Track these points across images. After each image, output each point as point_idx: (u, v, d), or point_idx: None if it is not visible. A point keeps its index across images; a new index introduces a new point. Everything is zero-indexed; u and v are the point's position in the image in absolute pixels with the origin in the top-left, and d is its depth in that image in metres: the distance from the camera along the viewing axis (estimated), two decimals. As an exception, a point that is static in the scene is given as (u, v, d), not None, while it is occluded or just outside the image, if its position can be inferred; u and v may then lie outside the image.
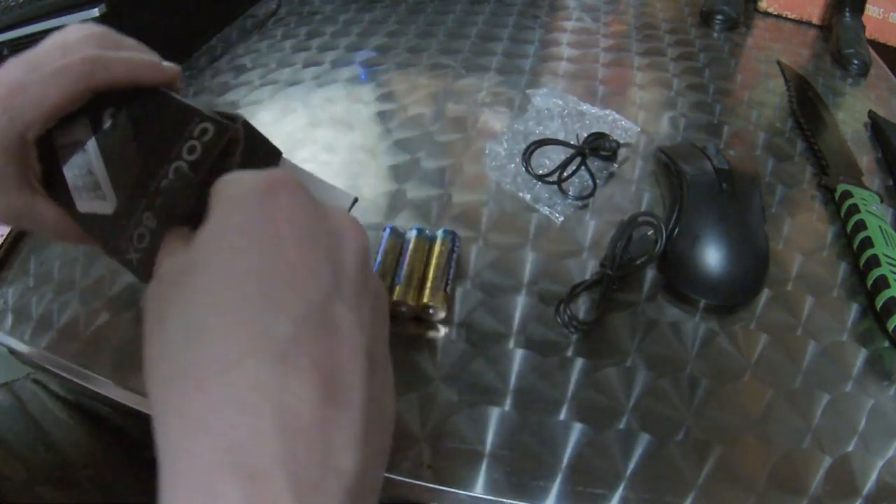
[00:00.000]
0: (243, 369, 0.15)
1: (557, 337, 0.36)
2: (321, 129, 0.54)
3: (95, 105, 0.23)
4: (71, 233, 0.25)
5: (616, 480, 0.30)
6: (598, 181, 0.45)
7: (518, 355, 0.35)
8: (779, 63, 0.62)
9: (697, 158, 0.41)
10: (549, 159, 0.47)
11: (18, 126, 0.21)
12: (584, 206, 0.45)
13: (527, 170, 0.46)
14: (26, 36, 0.53)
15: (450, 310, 0.37)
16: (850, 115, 0.55)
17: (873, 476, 0.29)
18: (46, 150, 0.24)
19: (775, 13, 0.73)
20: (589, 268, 0.40)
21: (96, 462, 0.42)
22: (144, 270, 0.21)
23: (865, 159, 0.49)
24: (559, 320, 0.36)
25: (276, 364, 0.15)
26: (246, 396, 0.14)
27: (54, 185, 0.24)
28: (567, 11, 0.72)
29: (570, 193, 0.45)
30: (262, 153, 0.23)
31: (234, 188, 0.18)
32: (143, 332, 0.17)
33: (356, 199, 0.25)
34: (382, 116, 0.55)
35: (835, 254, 0.41)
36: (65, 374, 0.37)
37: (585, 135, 0.47)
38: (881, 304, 0.36)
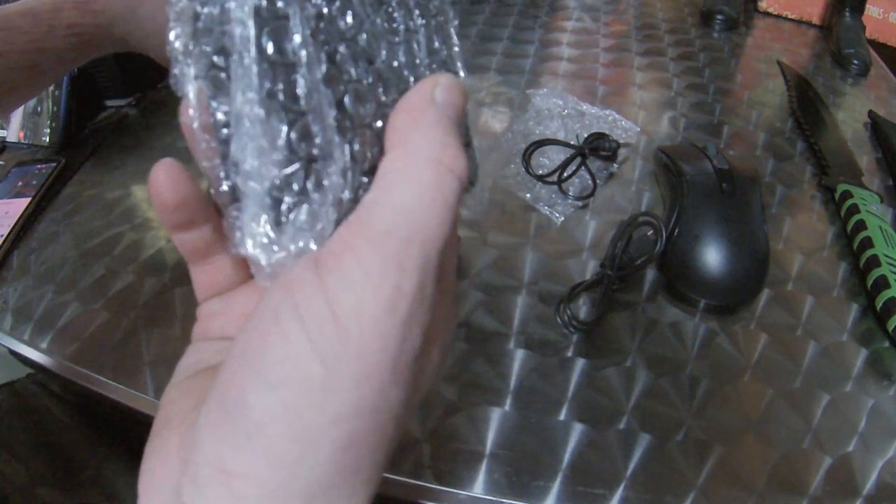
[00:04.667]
0: None
1: (557, 337, 0.36)
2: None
3: None
4: None
5: (616, 480, 0.30)
6: (598, 181, 0.45)
7: (518, 355, 0.35)
8: (779, 63, 0.62)
9: (697, 158, 0.41)
10: (549, 159, 0.47)
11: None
12: (584, 206, 0.45)
13: (527, 170, 0.46)
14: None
15: (450, 310, 0.37)
16: (850, 115, 0.55)
17: (873, 476, 0.29)
18: None
19: (775, 13, 0.73)
20: (589, 268, 0.40)
21: (97, 463, 0.42)
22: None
23: (865, 159, 0.49)
24: (559, 320, 0.36)
25: None
26: None
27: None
28: (567, 11, 0.72)
29: (570, 193, 0.45)
30: None
31: None
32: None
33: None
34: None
35: (835, 254, 0.41)
36: (65, 374, 0.37)
37: (585, 135, 0.47)
38: (881, 304, 0.36)
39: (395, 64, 0.16)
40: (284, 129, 0.14)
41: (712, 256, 0.37)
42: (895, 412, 0.32)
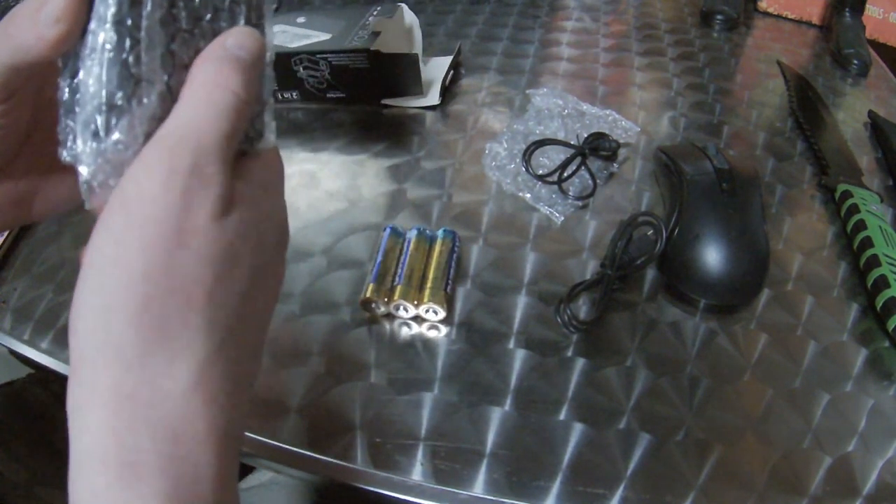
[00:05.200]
0: None
1: (557, 337, 0.36)
2: (321, 129, 0.54)
3: None
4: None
5: (616, 480, 0.30)
6: (598, 181, 0.45)
7: (518, 355, 0.35)
8: (779, 63, 0.62)
9: (697, 158, 0.41)
10: (549, 159, 0.47)
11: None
12: (584, 206, 0.45)
13: (527, 170, 0.46)
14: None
15: (450, 310, 0.37)
16: (850, 115, 0.55)
17: (873, 476, 0.29)
18: None
19: (775, 13, 0.73)
20: (589, 268, 0.40)
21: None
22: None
23: (865, 159, 0.49)
24: (559, 320, 0.36)
25: None
26: None
27: None
28: (567, 11, 0.72)
29: (570, 193, 0.45)
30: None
31: None
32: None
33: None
34: (382, 116, 0.55)
35: (835, 254, 0.41)
36: (65, 374, 0.37)
37: (585, 135, 0.47)
38: (881, 304, 0.36)
39: (216, 27, 0.20)
40: (126, 50, 0.17)
41: (712, 256, 0.37)
42: (895, 412, 0.32)
